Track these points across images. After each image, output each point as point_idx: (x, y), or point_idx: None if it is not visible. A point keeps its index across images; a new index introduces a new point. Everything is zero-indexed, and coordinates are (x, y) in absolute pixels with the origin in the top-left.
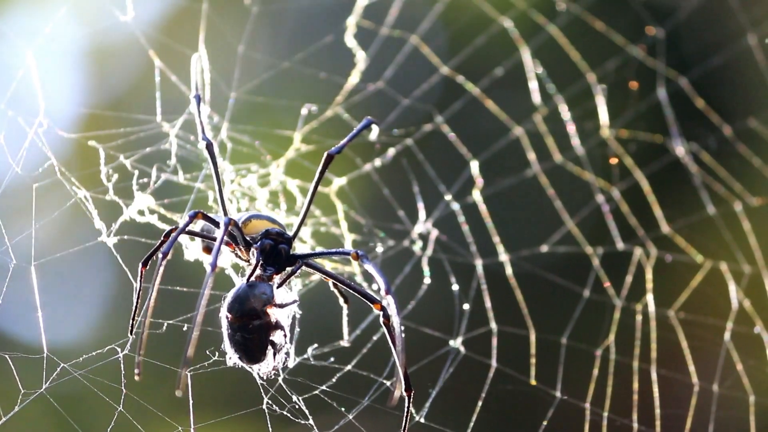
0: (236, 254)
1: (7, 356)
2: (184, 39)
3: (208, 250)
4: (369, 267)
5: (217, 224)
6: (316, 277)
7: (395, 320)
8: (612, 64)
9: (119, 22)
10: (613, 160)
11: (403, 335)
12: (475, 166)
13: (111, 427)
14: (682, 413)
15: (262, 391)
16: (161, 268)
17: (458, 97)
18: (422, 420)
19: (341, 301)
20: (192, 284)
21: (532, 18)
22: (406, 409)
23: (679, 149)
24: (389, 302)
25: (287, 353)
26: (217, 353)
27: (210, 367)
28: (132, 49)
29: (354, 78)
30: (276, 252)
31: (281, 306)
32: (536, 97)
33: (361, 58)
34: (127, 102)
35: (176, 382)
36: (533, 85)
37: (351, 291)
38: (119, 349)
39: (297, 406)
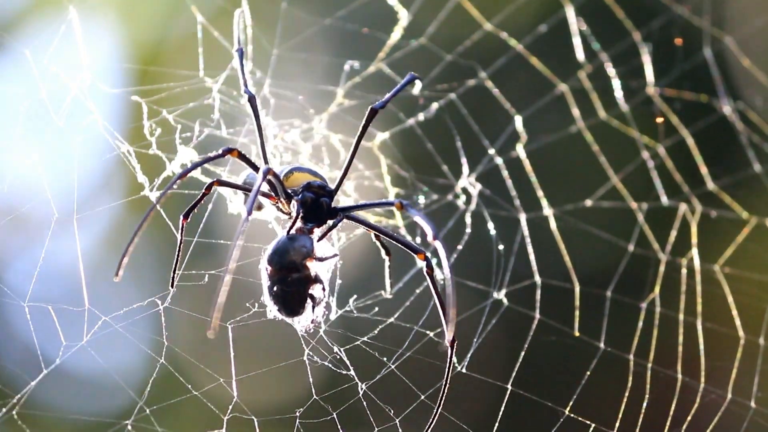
0: (278, 207)
1: (49, 308)
2: None
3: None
4: (414, 214)
5: (253, 165)
6: (359, 231)
7: (445, 264)
8: (657, 23)
9: None
10: (659, 119)
11: (452, 279)
12: (518, 121)
13: (153, 379)
14: (727, 366)
15: (302, 342)
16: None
17: (502, 54)
18: (464, 370)
19: (383, 253)
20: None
21: None
22: (449, 359)
23: (726, 107)
24: (438, 247)
25: (327, 307)
26: (257, 305)
27: (250, 318)
28: (174, 3)
29: (396, 34)
30: (317, 205)
31: (321, 259)
32: (580, 54)
33: (403, 15)
34: (170, 57)
35: (210, 324)
36: (577, 42)
37: (394, 242)
38: (160, 302)
39: (338, 357)
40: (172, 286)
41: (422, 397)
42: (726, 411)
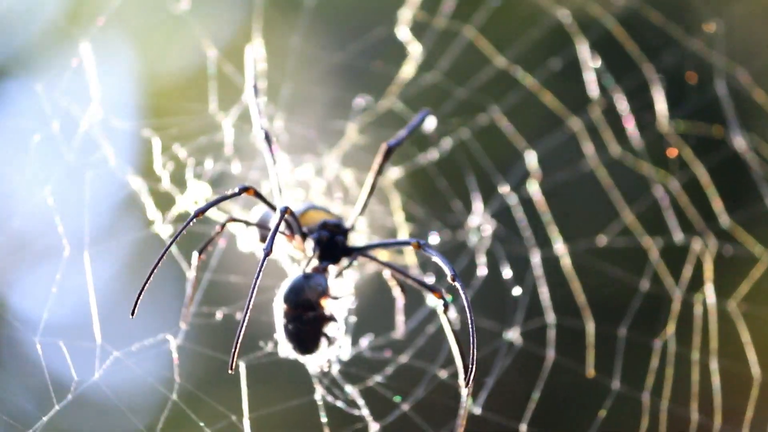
0: (292, 245)
1: (61, 344)
2: (238, 31)
3: (264, 240)
4: (432, 254)
5: (270, 205)
6: (371, 267)
7: (466, 304)
8: (669, 57)
9: (173, 13)
10: (672, 152)
11: (472, 317)
12: (532, 157)
13: (164, 416)
14: (743, 405)
15: (315, 381)
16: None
17: (514, 90)
18: (478, 411)
19: (396, 292)
20: (246, 275)
21: (587, 10)
22: (464, 401)
23: (739, 142)
24: (457, 287)
25: (340, 345)
26: (270, 343)
27: (264, 357)
28: (186, 40)
29: (409, 69)
30: (333, 243)
31: (336, 298)
32: (593, 90)
33: (415, 50)
34: (182, 92)
35: (230, 362)
36: (589, 78)
37: (409, 281)
38: (171, 338)
39: (350, 397)
40: (183, 323)
41: None
42: None
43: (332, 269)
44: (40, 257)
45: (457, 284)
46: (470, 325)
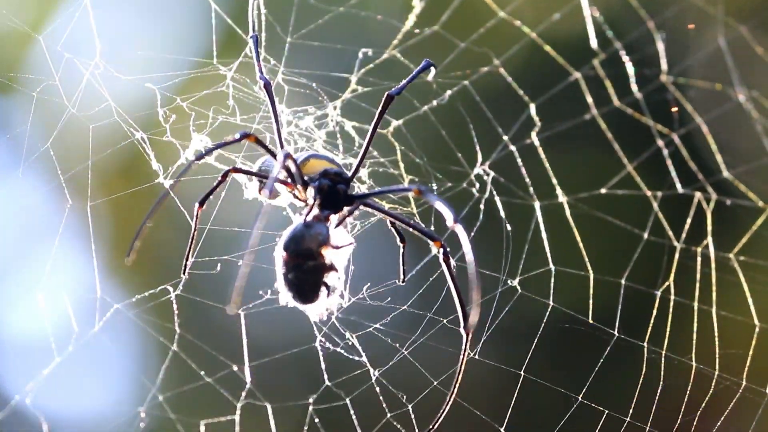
0: (294, 194)
1: (64, 294)
2: None
3: (271, 190)
4: (433, 200)
5: (271, 152)
6: (374, 218)
7: (467, 248)
8: (671, 11)
9: None
10: (674, 109)
11: (476, 263)
12: (533, 108)
13: (165, 366)
14: (742, 353)
15: (315, 328)
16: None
17: (515, 42)
18: (477, 357)
19: (398, 240)
20: (247, 225)
21: None
22: (464, 345)
23: (740, 96)
24: (458, 231)
25: (341, 295)
26: (269, 292)
27: (263, 305)
28: None
29: (410, 21)
30: (334, 192)
31: (337, 247)
32: (594, 42)
33: (417, 2)
34: (184, 44)
35: (227, 303)
36: (591, 30)
37: (410, 229)
38: (172, 289)
39: (350, 343)
40: (184, 273)
41: (435, 383)
42: (740, 398)
43: (333, 218)
44: (44, 210)
45: (459, 228)
46: (472, 270)
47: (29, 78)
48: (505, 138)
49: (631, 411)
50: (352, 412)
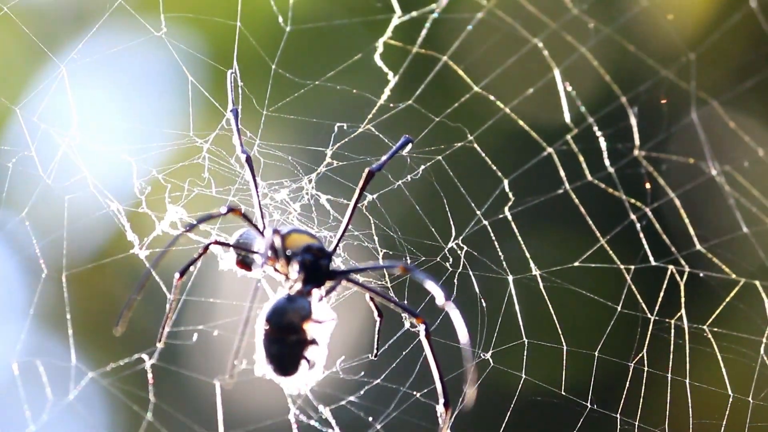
0: (275, 267)
1: (38, 363)
2: (218, 57)
3: (242, 264)
4: (423, 278)
5: (255, 227)
6: (348, 291)
7: (460, 326)
8: (643, 86)
9: (153, 37)
10: (647, 185)
11: (468, 341)
12: (506, 184)
13: None
14: (717, 424)
15: (289, 401)
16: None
17: (490, 116)
18: None
19: (375, 314)
20: (223, 295)
21: (563, 38)
22: (444, 423)
23: (713, 169)
24: (450, 309)
25: (321, 369)
26: (245, 362)
27: (238, 376)
28: (165, 64)
29: (384, 95)
30: (317, 267)
31: (320, 322)
32: (567, 117)
33: (391, 77)
34: (160, 116)
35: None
36: (564, 105)
37: (390, 304)
38: (147, 358)
39: (324, 417)
40: (160, 342)
41: None
42: None
43: (315, 292)
44: (19, 279)
45: (451, 306)
46: (468, 347)
47: (4, 150)
48: (479, 213)
49: None
50: None
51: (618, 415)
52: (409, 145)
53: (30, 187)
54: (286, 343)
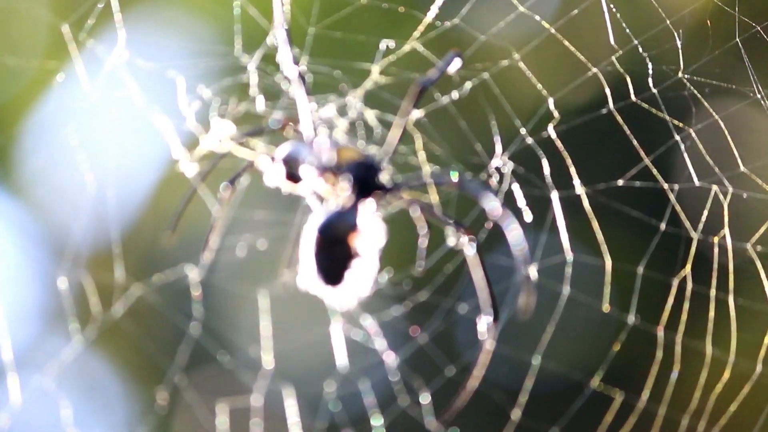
0: (323, 181)
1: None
2: None
3: (291, 177)
4: (474, 187)
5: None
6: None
7: (518, 234)
8: (688, 10)
9: None
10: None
11: (527, 248)
12: (551, 102)
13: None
14: (758, 339)
15: (333, 314)
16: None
17: (535, 36)
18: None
19: (422, 230)
20: (271, 211)
21: None
22: (491, 335)
23: (756, 93)
24: (506, 217)
25: (367, 284)
26: (289, 274)
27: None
28: None
29: (431, 14)
30: (365, 181)
31: (368, 236)
32: (612, 38)
33: None
34: (207, 34)
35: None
36: (609, 26)
37: (441, 220)
38: (192, 271)
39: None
40: (204, 252)
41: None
42: (756, 383)
43: (364, 207)
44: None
45: (507, 214)
46: (520, 258)
47: (51, 65)
48: (524, 131)
49: (647, 395)
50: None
51: (661, 331)
52: (458, 60)
53: (77, 103)
54: (335, 254)
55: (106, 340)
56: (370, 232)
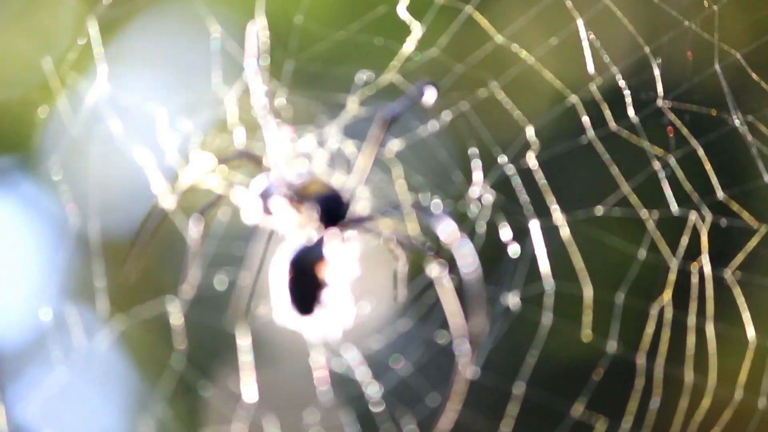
0: (293, 211)
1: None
2: (240, 8)
3: (267, 211)
4: (432, 217)
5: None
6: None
7: (471, 264)
8: (667, 37)
9: None
10: (670, 131)
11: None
12: (530, 131)
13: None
14: (738, 366)
15: (312, 348)
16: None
17: (513, 65)
18: (472, 376)
19: (398, 258)
20: (240, 244)
21: None
22: (466, 357)
23: (735, 119)
24: (462, 246)
25: (343, 315)
26: (264, 309)
27: (256, 322)
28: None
29: (409, 45)
30: (337, 212)
31: (339, 267)
32: (591, 67)
33: (415, 27)
34: (185, 68)
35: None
36: (588, 55)
37: (414, 248)
38: (172, 305)
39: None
40: (185, 288)
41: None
42: (737, 409)
43: (335, 238)
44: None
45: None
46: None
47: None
48: (503, 159)
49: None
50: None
51: (642, 358)
52: (433, 90)
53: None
54: (307, 286)
55: (90, 369)
56: (343, 263)
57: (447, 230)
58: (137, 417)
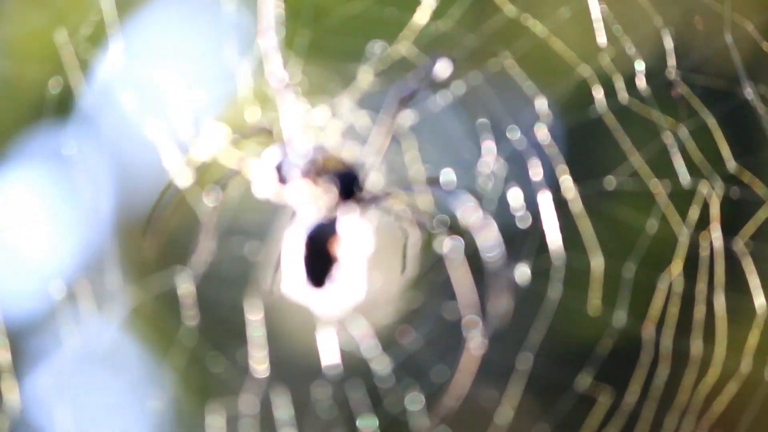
0: (309, 185)
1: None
2: None
3: (284, 181)
4: (452, 195)
5: (288, 146)
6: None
7: (494, 241)
8: (677, 9)
9: None
10: (676, 94)
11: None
12: (542, 102)
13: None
14: (746, 337)
15: (319, 321)
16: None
17: (524, 37)
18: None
19: (411, 231)
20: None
21: None
22: (474, 341)
23: (747, 91)
24: (486, 225)
25: (353, 290)
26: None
27: (265, 298)
28: None
29: (421, 16)
30: (352, 187)
31: (354, 242)
32: (602, 39)
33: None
34: (199, 41)
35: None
36: (599, 27)
37: (426, 222)
38: (182, 278)
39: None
40: (196, 261)
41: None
42: (746, 380)
43: (350, 213)
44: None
45: (489, 221)
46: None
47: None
48: (515, 131)
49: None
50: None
51: (651, 328)
52: (447, 63)
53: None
54: (320, 261)
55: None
56: (357, 238)
57: (467, 209)
58: (148, 390)
